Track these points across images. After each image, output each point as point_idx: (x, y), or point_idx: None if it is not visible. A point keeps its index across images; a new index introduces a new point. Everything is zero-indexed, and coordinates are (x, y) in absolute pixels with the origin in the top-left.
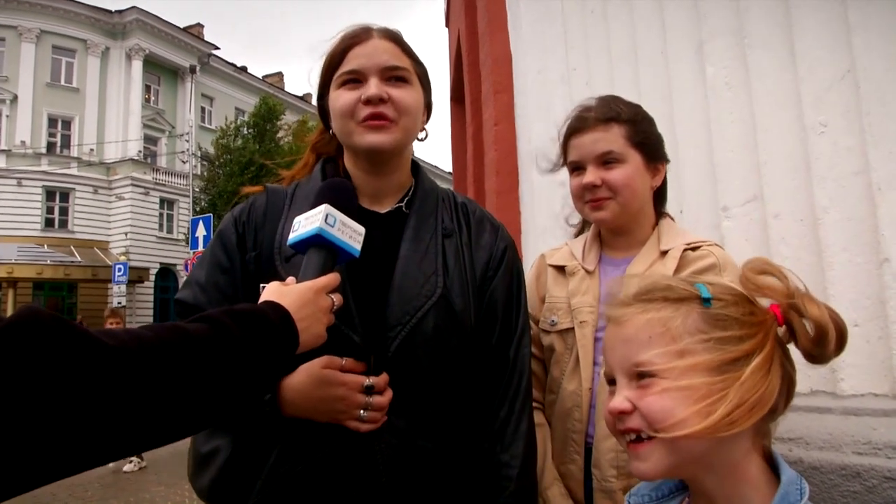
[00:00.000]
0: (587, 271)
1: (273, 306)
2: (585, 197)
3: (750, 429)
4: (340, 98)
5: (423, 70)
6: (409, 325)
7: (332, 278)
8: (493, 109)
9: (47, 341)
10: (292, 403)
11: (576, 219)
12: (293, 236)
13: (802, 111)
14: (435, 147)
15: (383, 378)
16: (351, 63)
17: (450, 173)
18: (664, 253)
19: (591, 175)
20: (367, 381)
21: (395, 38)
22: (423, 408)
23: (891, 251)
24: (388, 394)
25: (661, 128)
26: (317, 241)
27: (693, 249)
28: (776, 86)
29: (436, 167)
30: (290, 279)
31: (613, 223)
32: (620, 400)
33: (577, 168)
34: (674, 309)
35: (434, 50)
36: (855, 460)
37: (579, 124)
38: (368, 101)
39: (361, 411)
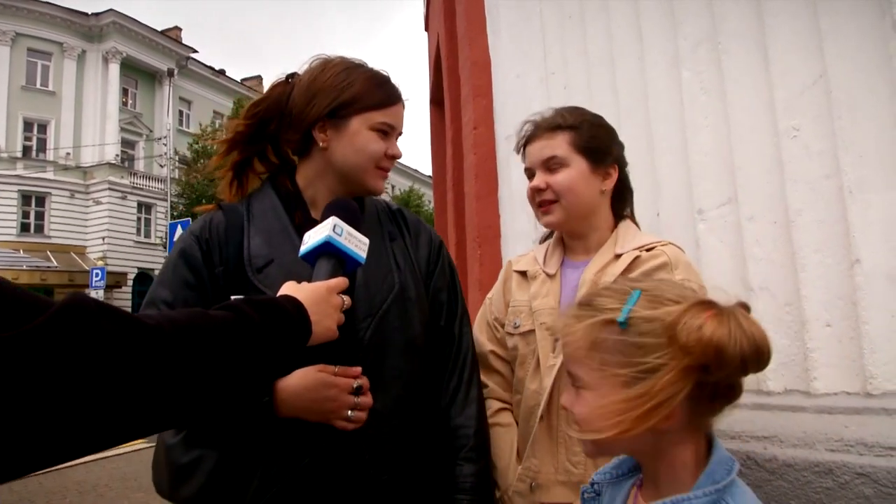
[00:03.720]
0: (548, 275)
1: (289, 299)
2: (535, 200)
3: (681, 424)
4: (373, 142)
5: None
6: (377, 317)
7: (341, 280)
8: (473, 113)
9: (94, 321)
10: (287, 403)
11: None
12: (304, 248)
13: (775, 116)
14: (415, 150)
15: (366, 381)
16: (391, 118)
17: (429, 177)
18: (619, 256)
19: (537, 179)
20: (356, 382)
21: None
22: (397, 390)
23: (862, 253)
24: (370, 395)
25: (638, 132)
26: (326, 250)
27: (648, 250)
28: (750, 91)
29: (416, 171)
30: (304, 283)
31: (560, 226)
32: (564, 398)
33: (530, 175)
34: (601, 325)
35: (414, 53)
36: (828, 457)
37: (530, 133)
38: (392, 157)
39: (349, 411)
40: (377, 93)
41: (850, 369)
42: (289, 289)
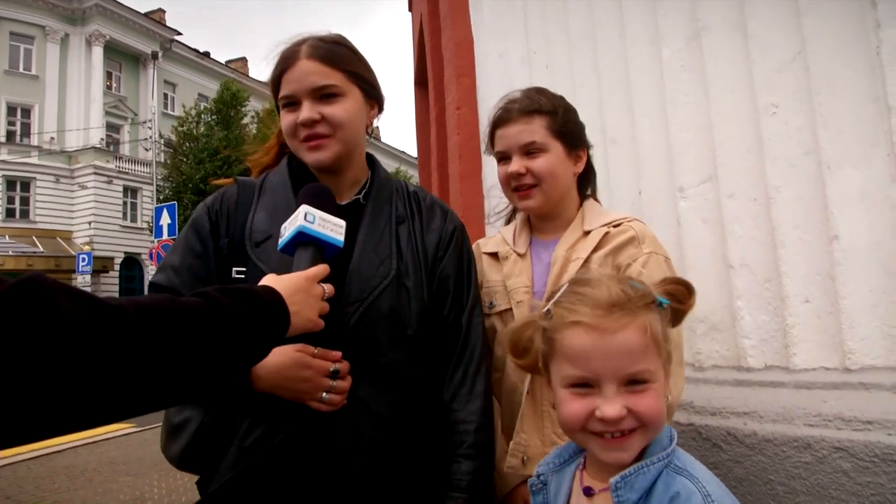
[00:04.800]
0: (519, 254)
1: (266, 289)
2: (512, 185)
3: None
4: (283, 120)
5: (358, 75)
6: (366, 303)
7: (321, 268)
8: (456, 93)
9: (50, 298)
10: (263, 379)
11: (501, 206)
12: (281, 241)
13: (755, 92)
14: (400, 132)
15: (346, 365)
16: (285, 88)
17: (416, 158)
18: (587, 233)
19: (516, 164)
20: (333, 366)
21: (323, 55)
22: (382, 377)
23: (840, 229)
24: (349, 379)
25: (619, 110)
26: (301, 239)
27: (616, 226)
28: (729, 68)
29: (403, 152)
30: (284, 275)
31: (539, 210)
32: (618, 409)
33: (503, 158)
34: (649, 313)
35: (401, 34)
36: (806, 432)
37: (504, 116)
38: (304, 125)
39: (324, 394)
40: (274, 73)
41: (829, 344)
42: (269, 280)
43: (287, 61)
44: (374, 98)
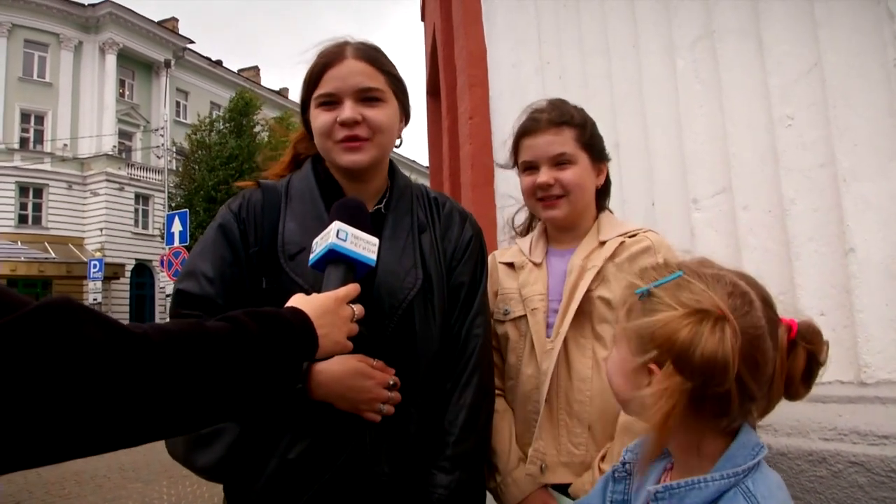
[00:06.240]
0: (535, 264)
1: (294, 311)
2: (538, 195)
3: (698, 416)
4: (319, 118)
5: (399, 82)
6: (397, 315)
7: (351, 288)
8: (468, 103)
9: (76, 324)
10: (324, 387)
11: (519, 220)
12: (312, 257)
13: (770, 104)
14: (412, 141)
15: (398, 379)
16: (327, 85)
17: (427, 167)
18: (602, 243)
19: (546, 175)
20: (392, 378)
21: (369, 57)
22: (411, 391)
23: (855, 241)
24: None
25: (633, 121)
26: (332, 257)
27: (631, 237)
28: (744, 79)
29: (413, 161)
30: (313, 295)
31: (563, 221)
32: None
33: (529, 168)
34: (629, 288)
35: (412, 44)
36: (821, 446)
37: (532, 126)
38: (344, 124)
39: (382, 405)
40: (314, 69)
41: (844, 358)
42: (297, 301)
43: (331, 57)
44: (405, 112)
